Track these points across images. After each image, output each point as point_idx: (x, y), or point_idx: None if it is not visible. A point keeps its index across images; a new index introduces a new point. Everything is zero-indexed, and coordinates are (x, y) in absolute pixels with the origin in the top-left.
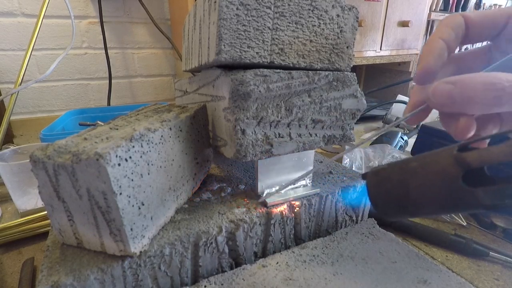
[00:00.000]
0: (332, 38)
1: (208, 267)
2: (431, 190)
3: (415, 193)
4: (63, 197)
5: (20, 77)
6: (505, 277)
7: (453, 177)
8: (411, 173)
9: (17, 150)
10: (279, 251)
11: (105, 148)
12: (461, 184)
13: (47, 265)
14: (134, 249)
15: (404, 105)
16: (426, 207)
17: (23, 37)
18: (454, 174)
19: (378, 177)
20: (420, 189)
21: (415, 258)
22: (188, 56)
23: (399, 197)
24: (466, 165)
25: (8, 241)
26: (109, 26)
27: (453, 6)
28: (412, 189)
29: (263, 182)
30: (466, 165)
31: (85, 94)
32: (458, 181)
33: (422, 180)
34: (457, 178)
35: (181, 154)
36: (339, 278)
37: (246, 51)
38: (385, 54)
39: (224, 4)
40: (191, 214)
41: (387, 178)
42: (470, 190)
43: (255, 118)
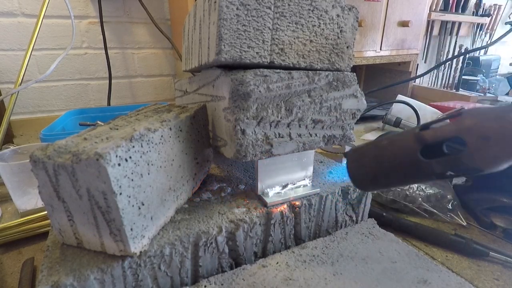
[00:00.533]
0: (332, 38)
1: (208, 267)
2: (397, 163)
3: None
4: (63, 197)
5: (20, 77)
6: (505, 277)
7: (413, 151)
8: (382, 149)
9: (17, 150)
10: (279, 251)
11: (105, 148)
12: (419, 156)
13: (47, 265)
14: (134, 249)
15: (404, 105)
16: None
17: (23, 37)
18: (414, 149)
19: (356, 154)
20: (389, 162)
21: (415, 258)
22: (188, 56)
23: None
24: (424, 141)
25: (8, 241)
26: (109, 26)
27: (453, 6)
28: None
29: (263, 182)
30: (424, 141)
31: (85, 94)
32: (417, 154)
33: (390, 154)
34: (416, 151)
35: (181, 154)
36: (339, 278)
37: (246, 51)
38: (385, 54)
39: (224, 4)
40: (191, 214)
41: (363, 154)
42: (426, 161)
43: (255, 118)
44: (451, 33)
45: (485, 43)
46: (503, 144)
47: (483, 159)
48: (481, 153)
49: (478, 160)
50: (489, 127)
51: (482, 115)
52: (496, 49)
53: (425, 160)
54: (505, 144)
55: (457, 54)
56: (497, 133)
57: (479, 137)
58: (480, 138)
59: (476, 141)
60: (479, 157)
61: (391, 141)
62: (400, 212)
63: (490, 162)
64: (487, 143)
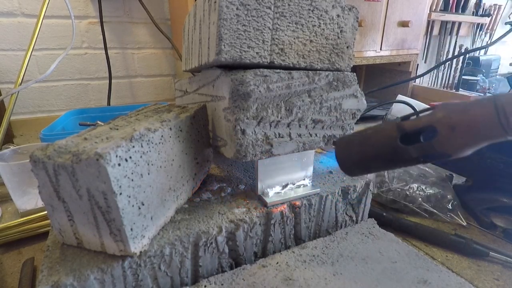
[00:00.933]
0: (332, 38)
1: (208, 267)
2: (380, 149)
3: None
4: (63, 197)
5: (20, 77)
6: (505, 277)
7: (394, 138)
8: (367, 137)
9: (17, 150)
10: (279, 251)
11: (105, 148)
12: (399, 143)
13: (47, 265)
14: (134, 249)
15: (404, 105)
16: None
17: (23, 37)
18: (394, 136)
19: (343, 142)
20: (373, 149)
21: (415, 258)
22: (188, 56)
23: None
24: (403, 130)
25: (8, 241)
26: (109, 26)
27: (453, 6)
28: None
29: (263, 182)
30: (403, 130)
31: (85, 94)
32: (396, 141)
33: (374, 142)
34: (396, 138)
35: (181, 154)
36: (339, 278)
37: (246, 51)
38: (385, 54)
39: (224, 4)
40: (191, 214)
41: (350, 142)
42: (404, 147)
43: (255, 118)
44: (451, 33)
45: (485, 43)
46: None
47: (451, 145)
48: (449, 141)
49: (447, 146)
50: (456, 118)
51: (451, 108)
52: (496, 49)
53: (403, 146)
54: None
55: (457, 54)
56: (462, 124)
57: (448, 126)
58: (448, 128)
59: (445, 130)
60: (448, 143)
61: (375, 130)
62: (400, 212)
63: (456, 148)
64: (454, 132)
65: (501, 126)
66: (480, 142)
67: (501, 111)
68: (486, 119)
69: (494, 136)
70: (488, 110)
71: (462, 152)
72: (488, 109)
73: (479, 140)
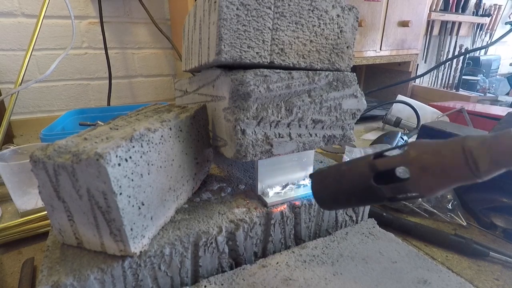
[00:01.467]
0: (332, 38)
1: (208, 267)
2: (354, 186)
3: (344, 189)
4: (63, 197)
5: (20, 77)
6: (505, 277)
7: (367, 177)
8: (341, 173)
9: (17, 150)
10: (279, 251)
11: (105, 148)
12: (372, 182)
13: (47, 265)
14: (134, 249)
15: (404, 105)
16: (352, 199)
17: (23, 37)
18: (368, 175)
19: (320, 176)
20: (347, 186)
21: (415, 258)
22: (188, 56)
23: (333, 191)
24: (376, 169)
25: (8, 241)
26: (109, 26)
27: (453, 6)
28: (342, 186)
29: (263, 182)
30: (376, 169)
31: (85, 94)
32: (370, 180)
33: (348, 179)
34: (369, 178)
35: (181, 154)
36: (339, 278)
37: (246, 51)
38: (385, 54)
39: (224, 4)
40: (191, 214)
41: (326, 177)
42: (378, 187)
43: (255, 118)
44: (451, 33)
45: (485, 43)
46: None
47: (423, 187)
48: (421, 182)
49: (419, 187)
50: (427, 159)
51: (423, 149)
52: (496, 49)
53: (377, 186)
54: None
55: (457, 54)
56: (432, 166)
57: (419, 167)
58: (420, 169)
59: (417, 171)
60: (420, 185)
61: (349, 167)
62: (400, 212)
63: (428, 190)
64: (426, 173)
65: (470, 169)
66: (450, 184)
67: (469, 155)
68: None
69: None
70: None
71: (434, 193)
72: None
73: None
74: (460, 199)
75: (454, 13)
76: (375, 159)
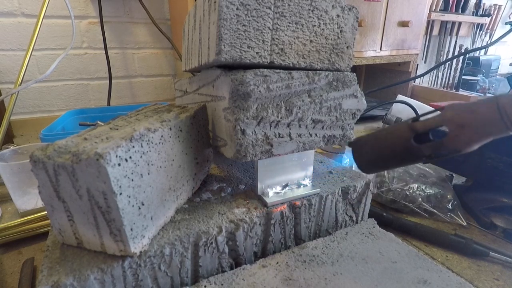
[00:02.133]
0: (332, 38)
1: (208, 267)
2: (395, 148)
3: (384, 152)
4: (63, 197)
5: (20, 77)
6: (505, 277)
7: (407, 138)
8: (382, 138)
9: (17, 150)
10: (279, 251)
11: (105, 148)
12: (412, 142)
13: (47, 265)
14: (134, 249)
15: (404, 105)
16: (392, 160)
17: (23, 37)
18: (408, 137)
19: (359, 143)
20: (388, 148)
21: (415, 258)
22: (188, 56)
23: (374, 155)
24: (415, 130)
25: (8, 241)
26: (109, 26)
27: (453, 6)
28: (383, 149)
29: (263, 182)
30: (415, 130)
31: (85, 94)
32: (410, 140)
33: (389, 141)
34: (409, 138)
35: (181, 154)
36: (339, 278)
37: (246, 51)
38: (385, 54)
39: (224, 4)
40: (191, 214)
41: (366, 143)
42: (417, 146)
43: (255, 118)
44: (451, 33)
45: (485, 43)
46: (474, 131)
47: (460, 142)
48: (458, 137)
49: (457, 143)
50: (464, 117)
51: (459, 108)
52: (496, 49)
53: (417, 145)
54: (475, 130)
55: (457, 54)
56: (470, 122)
57: (457, 125)
58: (458, 126)
59: (455, 128)
60: (457, 140)
61: (389, 131)
62: (400, 212)
63: (465, 144)
64: (462, 130)
65: (504, 124)
66: (486, 138)
67: (503, 111)
68: (490, 118)
69: (498, 132)
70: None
71: (470, 147)
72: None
73: (485, 136)
74: (460, 199)
75: (454, 13)
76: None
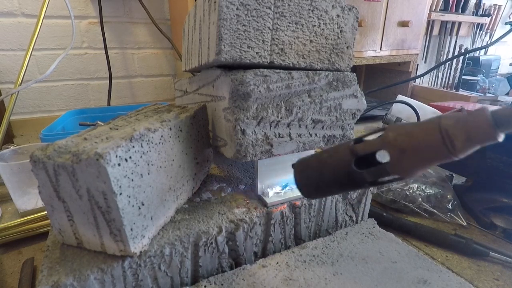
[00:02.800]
0: (332, 38)
1: (208, 267)
2: (335, 173)
3: (325, 176)
4: (63, 197)
5: (20, 77)
6: (505, 277)
7: (348, 162)
8: (323, 161)
9: (17, 150)
10: (279, 251)
11: (105, 148)
12: (353, 167)
13: (47, 265)
14: (134, 249)
15: (404, 105)
16: (333, 186)
17: (23, 37)
18: (348, 161)
19: (301, 165)
20: (328, 172)
21: (415, 258)
22: (188, 56)
23: (315, 179)
24: (356, 153)
25: (8, 241)
26: (109, 26)
27: (453, 6)
28: (324, 173)
29: (263, 182)
30: (356, 153)
31: (85, 94)
32: (351, 165)
33: (329, 166)
34: (350, 163)
35: (181, 154)
36: (339, 278)
37: (246, 51)
38: (385, 54)
39: (224, 4)
40: (191, 214)
41: (308, 166)
42: (359, 172)
43: (255, 118)
44: (451, 33)
45: (485, 43)
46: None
47: (402, 168)
48: (400, 163)
49: (399, 169)
50: (404, 141)
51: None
52: (496, 49)
53: (358, 170)
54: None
55: (457, 54)
56: (410, 147)
57: (397, 149)
58: (398, 151)
59: (396, 153)
60: (399, 167)
61: (330, 154)
62: (400, 212)
63: (407, 171)
64: (403, 155)
65: (446, 148)
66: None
67: (445, 134)
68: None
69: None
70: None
71: (413, 173)
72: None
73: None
74: (460, 199)
75: (454, 13)
76: (355, 144)
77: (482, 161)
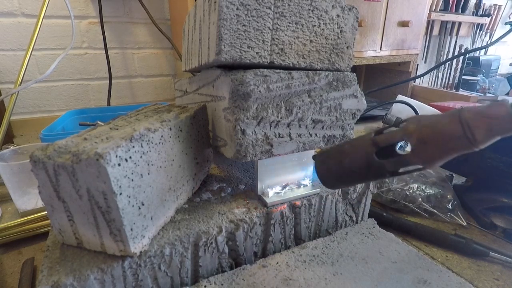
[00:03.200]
0: (332, 38)
1: (208, 267)
2: (357, 163)
3: (347, 167)
4: (63, 197)
5: (20, 77)
6: (505, 277)
7: (370, 153)
8: (344, 152)
9: (17, 150)
10: (279, 251)
11: (105, 148)
12: (374, 158)
13: (47, 265)
14: (134, 249)
15: (404, 105)
16: (355, 176)
17: (23, 37)
18: (370, 151)
19: (322, 157)
20: (350, 163)
21: (415, 258)
22: (188, 56)
23: (337, 170)
24: (377, 145)
25: (8, 241)
26: (109, 26)
27: (453, 6)
28: (345, 163)
29: (263, 182)
30: (377, 145)
31: (85, 94)
32: (372, 156)
33: (351, 156)
34: (372, 154)
35: (181, 154)
36: (339, 278)
37: (246, 51)
38: (385, 54)
39: (224, 4)
40: (191, 214)
41: (329, 157)
42: (380, 162)
43: (255, 118)
44: (451, 33)
45: (485, 43)
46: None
47: (423, 158)
48: (421, 154)
49: (419, 159)
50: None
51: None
52: (496, 49)
53: (379, 160)
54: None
55: (457, 54)
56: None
57: (419, 140)
58: (420, 142)
59: (417, 144)
60: (420, 157)
61: (352, 145)
62: (400, 212)
63: (428, 161)
64: (425, 146)
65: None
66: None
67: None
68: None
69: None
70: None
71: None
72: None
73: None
74: (460, 199)
75: (454, 13)
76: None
77: (482, 161)
